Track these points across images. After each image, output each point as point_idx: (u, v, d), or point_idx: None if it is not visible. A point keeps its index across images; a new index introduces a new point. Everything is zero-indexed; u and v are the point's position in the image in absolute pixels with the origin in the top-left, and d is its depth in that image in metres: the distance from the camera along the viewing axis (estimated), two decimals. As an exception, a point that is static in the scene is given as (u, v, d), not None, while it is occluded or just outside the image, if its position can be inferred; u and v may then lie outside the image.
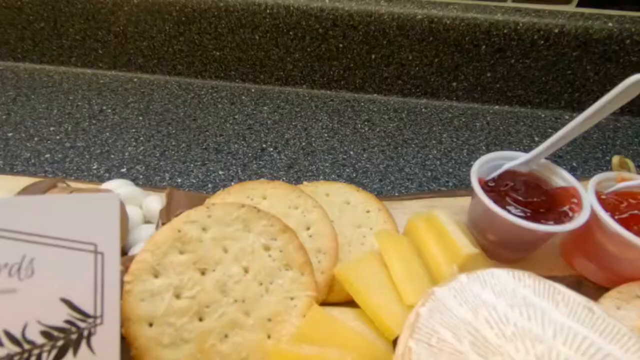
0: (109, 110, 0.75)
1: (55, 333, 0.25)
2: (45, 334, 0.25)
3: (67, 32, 0.81)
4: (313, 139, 0.71)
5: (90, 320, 0.25)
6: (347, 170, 0.65)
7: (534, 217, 0.38)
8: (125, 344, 0.30)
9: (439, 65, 0.76)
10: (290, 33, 0.75)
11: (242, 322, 0.33)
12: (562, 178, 0.42)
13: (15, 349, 0.25)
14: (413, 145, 0.70)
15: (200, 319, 0.33)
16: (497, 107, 0.80)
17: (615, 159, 0.46)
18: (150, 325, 0.31)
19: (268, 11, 0.74)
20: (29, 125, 0.70)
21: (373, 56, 0.77)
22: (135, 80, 0.84)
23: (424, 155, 0.68)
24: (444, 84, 0.79)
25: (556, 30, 0.70)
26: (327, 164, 0.66)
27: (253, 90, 0.83)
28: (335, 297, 0.39)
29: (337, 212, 0.45)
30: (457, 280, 0.32)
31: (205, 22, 0.76)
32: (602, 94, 0.79)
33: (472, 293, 0.31)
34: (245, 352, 0.32)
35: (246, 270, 0.35)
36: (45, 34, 0.81)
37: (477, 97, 0.80)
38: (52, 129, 0.70)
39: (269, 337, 0.34)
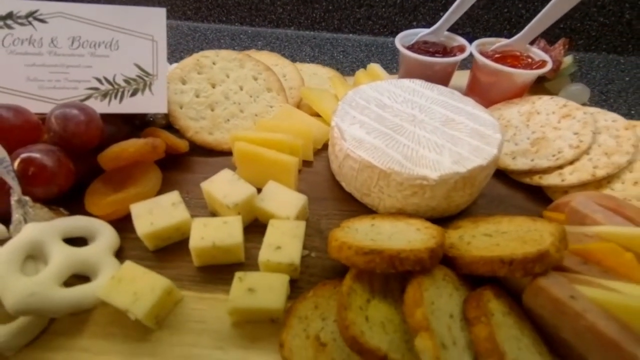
0: (132, 42, 0.96)
1: (132, 81, 0.45)
2: (125, 81, 0.45)
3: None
4: (297, 61, 0.92)
5: (151, 76, 0.46)
6: (322, 78, 0.85)
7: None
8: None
9: (401, 6, 0.97)
10: (280, -21, 0.97)
11: (238, 114, 0.54)
12: (458, 42, 0.62)
13: (109, 87, 0.45)
14: (378, 67, 0.91)
15: (212, 110, 0.53)
16: (450, 43, 1.01)
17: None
18: (181, 107, 0.52)
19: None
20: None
21: (347, -2, 0.98)
22: (151, 23, 1.05)
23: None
24: (406, 24, 1.00)
25: (491, -28, 0.91)
26: (307, 77, 0.86)
27: (249, 32, 1.04)
28: (301, 115, 0.59)
29: (307, 79, 0.65)
30: (375, 82, 0.52)
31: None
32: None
33: (382, 87, 0.51)
34: (240, 129, 0.53)
35: (241, 88, 0.56)
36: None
37: (434, 35, 1.01)
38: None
39: (255, 123, 0.54)
